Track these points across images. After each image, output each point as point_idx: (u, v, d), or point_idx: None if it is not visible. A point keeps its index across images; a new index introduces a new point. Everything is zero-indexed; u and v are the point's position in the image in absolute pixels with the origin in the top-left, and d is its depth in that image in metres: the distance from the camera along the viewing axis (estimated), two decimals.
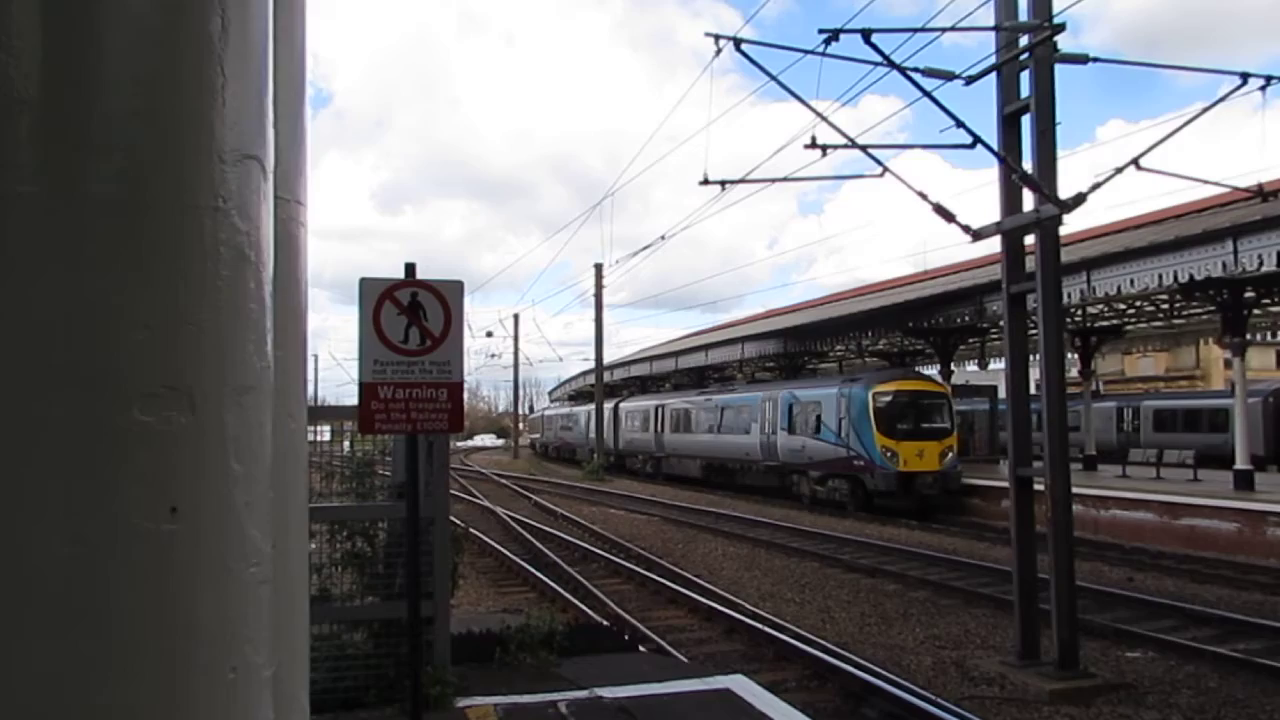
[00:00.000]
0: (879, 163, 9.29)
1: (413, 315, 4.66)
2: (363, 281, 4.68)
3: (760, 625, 9.92)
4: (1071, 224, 9.01)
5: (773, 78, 9.00)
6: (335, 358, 63.61)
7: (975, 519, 21.44)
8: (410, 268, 4.79)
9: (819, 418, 24.33)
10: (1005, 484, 23.41)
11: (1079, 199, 8.46)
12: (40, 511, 1.02)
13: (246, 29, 1.20)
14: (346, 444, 7.39)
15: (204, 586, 1.12)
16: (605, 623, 9.81)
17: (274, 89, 1.30)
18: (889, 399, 22.71)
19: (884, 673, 8.07)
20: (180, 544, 1.08)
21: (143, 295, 1.08)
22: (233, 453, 1.14)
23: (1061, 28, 8.40)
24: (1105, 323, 24.95)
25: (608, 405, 42.69)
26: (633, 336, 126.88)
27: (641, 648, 8.45)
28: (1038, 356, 8.87)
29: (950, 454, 22.42)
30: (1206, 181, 11.70)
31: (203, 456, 1.11)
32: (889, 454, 21.88)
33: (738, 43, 8.94)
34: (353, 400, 4.87)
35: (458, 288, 4.84)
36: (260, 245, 1.21)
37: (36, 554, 1.01)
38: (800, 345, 30.92)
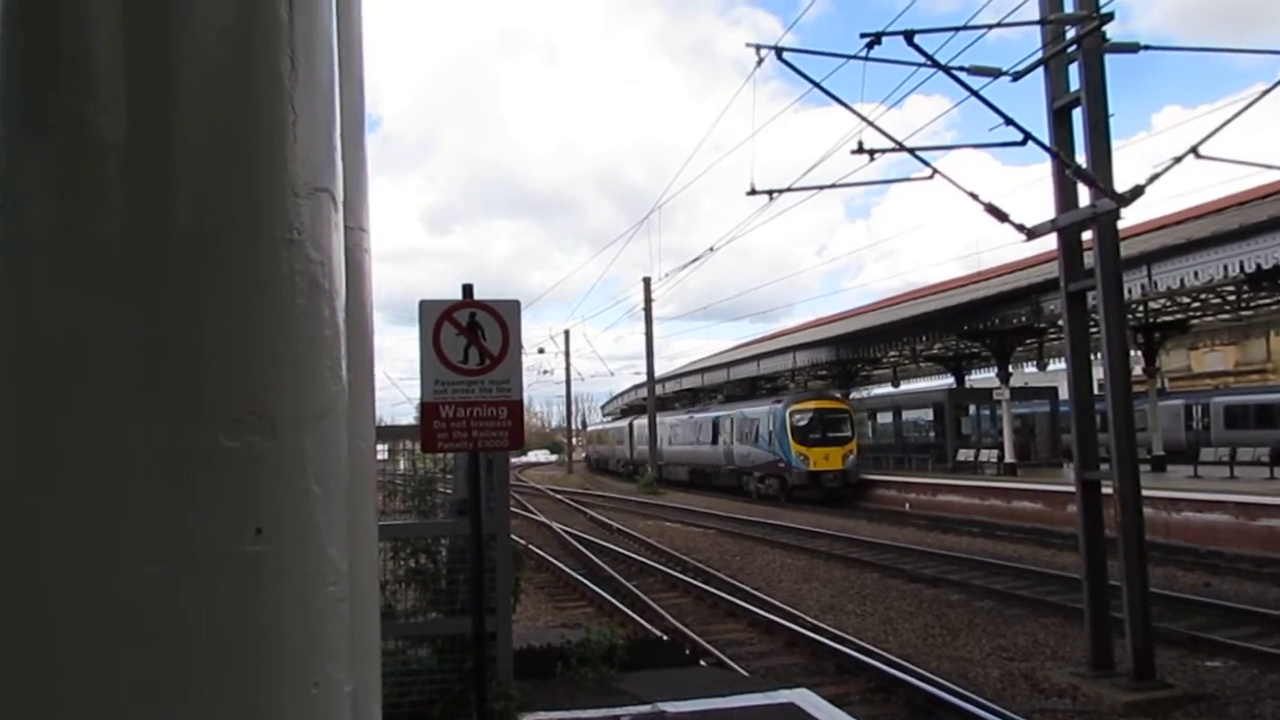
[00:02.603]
0: (928, 164, 9.19)
1: (471, 335, 4.73)
2: (422, 304, 4.76)
3: (821, 638, 9.79)
4: (1129, 217, 8.79)
5: (816, 84, 8.97)
6: (390, 378, 64.79)
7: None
8: (468, 289, 4.87)
9: (758, 430, 30.84)
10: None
11: (1137, 192, 8.23)
12: (133, 534, 1.06)
13: (314, 65, 1.24)
14: (403, 463, 7.51)
15: (288, 605, 1.15)
16: (665, 637, 9.78)
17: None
18: (802, 415, 29.15)
19: (951, 685, 7.90)
20: (265, 564, 1.12)
21: (224, 325, 1.12)
22: (312, 475, 1.18)
23: (1110, 17, 8.21)
24: (1168, 317, 24.19)
25: (623, 423, 44.33)
26: (683, 349, 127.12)
27: (702, 662, 8.41)
28: (1099, 355, 8.63)
29: (850, 456, 29.01)
30: (1271, 166, 11.25)
31: (284, 479, 1.15)
32: (802, 457, 28.59)
33: (779, 52, 8.93)
34: (408, 419, 4.96)
35: (514, 307, 4.90)
36: (332, 274, 1.25)
37: (131, 575, 1.06)
38: (853, 352, 30.62)
